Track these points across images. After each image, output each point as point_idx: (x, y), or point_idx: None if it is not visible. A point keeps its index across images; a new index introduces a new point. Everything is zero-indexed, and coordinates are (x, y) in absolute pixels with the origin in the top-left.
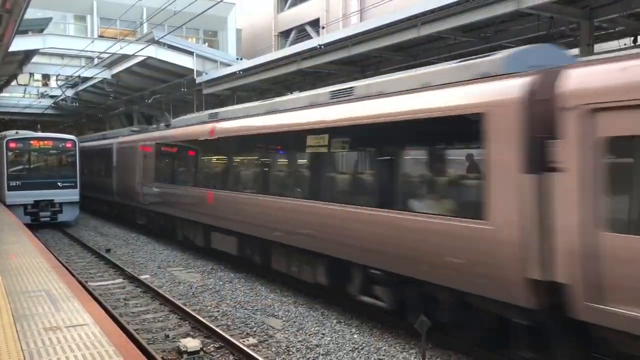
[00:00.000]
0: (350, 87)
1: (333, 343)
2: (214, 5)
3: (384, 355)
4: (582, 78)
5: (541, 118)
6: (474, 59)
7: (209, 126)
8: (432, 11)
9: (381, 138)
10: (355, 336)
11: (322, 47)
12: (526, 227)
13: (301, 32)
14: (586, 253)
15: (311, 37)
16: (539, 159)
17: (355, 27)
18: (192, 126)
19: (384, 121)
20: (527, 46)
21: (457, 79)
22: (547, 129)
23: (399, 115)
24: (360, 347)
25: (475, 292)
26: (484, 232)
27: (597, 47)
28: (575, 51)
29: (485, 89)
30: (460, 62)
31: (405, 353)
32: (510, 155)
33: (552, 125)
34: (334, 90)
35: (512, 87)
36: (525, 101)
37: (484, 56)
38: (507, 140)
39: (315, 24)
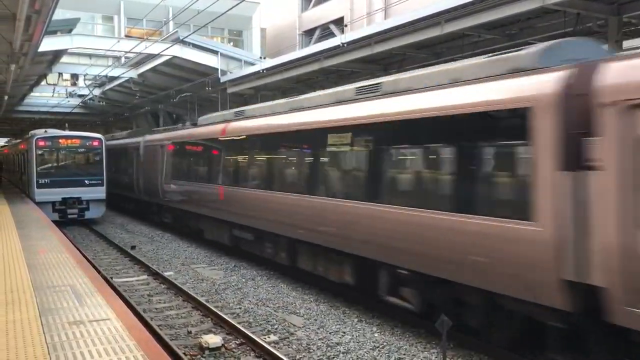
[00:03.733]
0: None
1: (354, 341)
2: (237, 4)
3: (404, 354)
4: (621, 72)
5: (577, 114)
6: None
7: None
8: (456, 8)
9: None
10: (376, 335)
11: (345, 45)
12: (562, 226)
13: (325, 30)
14: (625, 254)
15: (335, 36)
16: (575, 157)
17: (378, 25)
18: None
19: None
20: (562, 40)
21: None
22: (584, 125)
23: None
24: (381, 346)
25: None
26: (530, 233)
27: (626, 44)
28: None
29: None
30: (491, 56)
31: (426, 352)
32: (547, 152)
33: (589, 121)
34: None
35: (547, 82)
36: (560, 96)
37: (518, 50)
38: (544, 136)
39: (339, 22)
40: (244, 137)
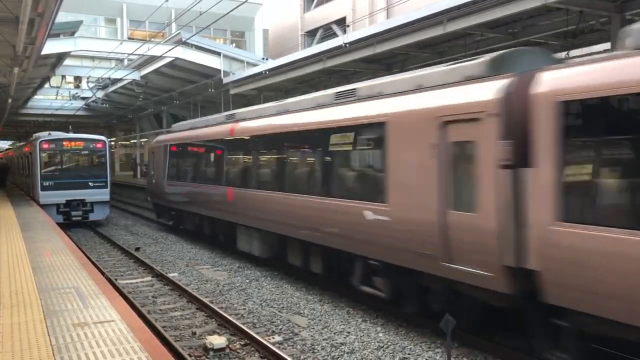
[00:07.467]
0: None
1: (358, 341)
2: (239, 5)
3: (409, 354)
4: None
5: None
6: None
7: None
8: (458, 7)
9: None
10: (381, 335)
11: (347, 45)
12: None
13: (327, 30)
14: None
15: (338, 36)
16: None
17: (381, 24)
18: None
19: None
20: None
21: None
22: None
23: None
24: (385, 346)
25: None
26: None
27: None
28: (607, 46)
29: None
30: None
31: (430, 352)
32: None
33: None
34: None
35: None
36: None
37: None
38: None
39: (341, 22)
40: None
